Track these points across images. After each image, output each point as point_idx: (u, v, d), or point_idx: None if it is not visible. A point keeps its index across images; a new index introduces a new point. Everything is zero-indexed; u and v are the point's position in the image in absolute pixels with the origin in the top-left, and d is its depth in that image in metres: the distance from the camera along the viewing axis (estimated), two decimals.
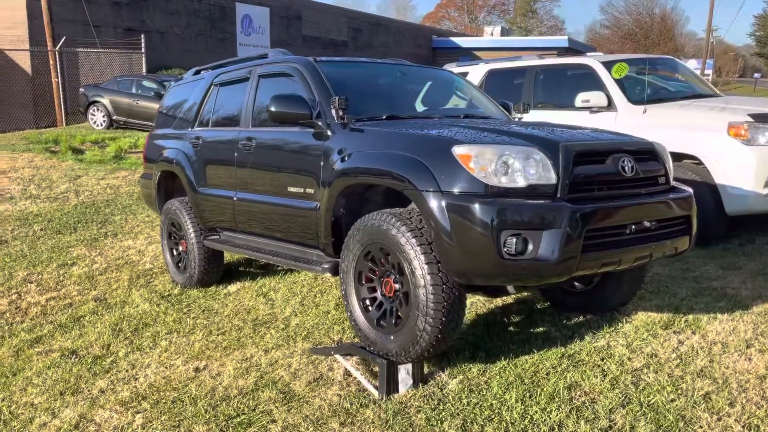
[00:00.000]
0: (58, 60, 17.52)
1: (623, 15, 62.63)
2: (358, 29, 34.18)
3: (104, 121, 16.13)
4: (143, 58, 19.30)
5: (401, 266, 3.39)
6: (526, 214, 3.10)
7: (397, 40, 36.84)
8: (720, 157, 5.61)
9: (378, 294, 3.68)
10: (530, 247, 3.09)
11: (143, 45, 19.15)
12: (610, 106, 6.47)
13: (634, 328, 4.07)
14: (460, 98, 5.08)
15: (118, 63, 19.94)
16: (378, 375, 3.57)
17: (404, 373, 3.55)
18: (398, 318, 3.52)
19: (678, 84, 7.24)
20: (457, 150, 3.23)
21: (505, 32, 45.54)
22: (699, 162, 5.78)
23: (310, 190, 4.09)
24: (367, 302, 3.71)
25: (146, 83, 16.24)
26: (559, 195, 3.20)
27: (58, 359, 4.43)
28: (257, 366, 4.02)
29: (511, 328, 4.27)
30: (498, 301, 4.71)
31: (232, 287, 5.61)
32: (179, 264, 5.86)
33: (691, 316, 4.20)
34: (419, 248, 3.28)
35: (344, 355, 3.89)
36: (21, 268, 6.33)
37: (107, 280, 6.02)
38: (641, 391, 3.31)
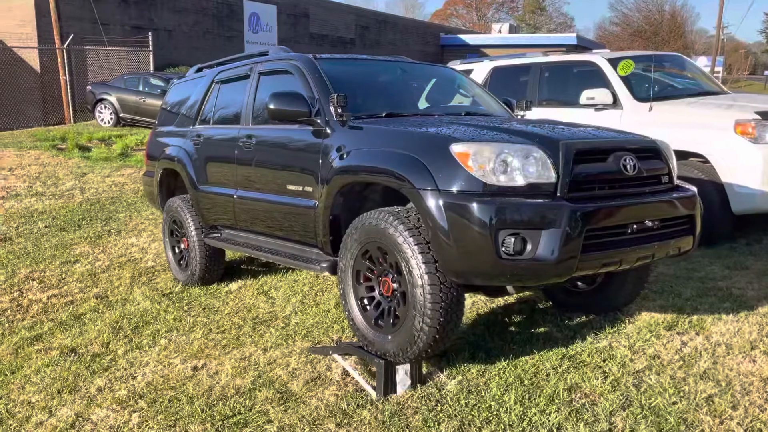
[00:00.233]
0: (66, 58, 17.59)
1: (633, 12, 62.13)
2: (366, 27, 34.11)
3: (111, 119, 16.18)
4: (151, 56, 19.32)
5: (399, 265, 3.35)
6: (525, 214, 3.05)
7: (405, 38, 36.72)
8: (726, 156, 5.53)
9: (376, 293, 3.64)
10: (529, 247, 3.04)
11: (151, 43, 19.17)
12: (616, 104, 6.40)
13: (637, 329, 4.01)
14: (462, 96, 5.03)
15: (126, 61, 19.99)
16: (376, 375, 3.54)
17: (402, 374, 3.51)
18: (396, 318, 3.48)
19: (685, 81, 7.15)
20: (455, 148, 3.18)
21: (514, 29, 45.29)
22: (705, 160, 5.70)
23: (309, 189, 4.06)
24: (365, 301, 3.68)
25: (153, 81, 16.27)
26: (559, 194, 3.15)
27: (57, 357, 4.42)
28: (255, 365, 3.99)
29: (512, 328, 4.22)
30: (500, 301, 4.66)
31: (234, 285, 5.59)
32: (181, 262, 5.85)
33: (696, 317, 4.14)
34: (417, 247, 3.24)
35: (342, 355, 3.86)
36: (24, 266, 6.34)
37: (109, 278, 6.02)
38: (642, 394, 3.26)
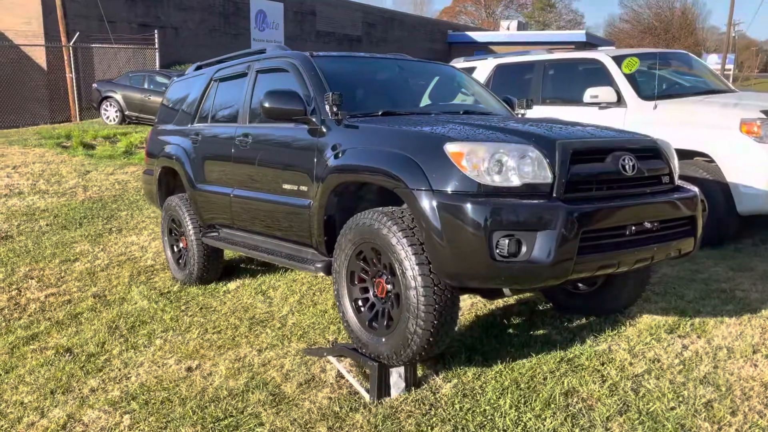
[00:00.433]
0: (72, 55, 17.62)
1: (643, 9, 61.58)
2: (373, 24, 34.01)
3: (117, 117, 16.20)
4: (157, 54, 19.33)
5: (393, 267, 3.30)
6: (520, 215, 2.98)
7: (412, 35, 36.58)
8: (732, 155, 5.44)
9: (370, 295, 3.59)
10: (524, 249, 2.98)
11: (157, 40, 19.17)
12: (620, 102, 6.31)
13: (638, 332, 3.94)
14: (462, 94, 4.97)
15: (132, 59, 20.00)
16: (369, 378, 3.49)
17: (396, 377, 3.46)
18: (390, 320, 3.43)
19: (691, 79, 7.04)
20: (449, 147, 3.12)
21: (522, 26, 44.96)
22: (710, 160, 5.61)
23: (304, 188, 4.01)
24: (360, 303, 3.63)
25: (158, 79, 16.26)
26: (555, 194, 3.08)
27: (53, 357, 4.39)
28: (249, 366, 3.95)
29: (511, 330, 4.16)
30: (499, 302, 4.60)
31: (232, 285, 5.56)
32: (179, 261, 5.82)
33: (698, 320, 4.07)
34: (410, 249, 3.18)
35: (337, 357, 3.81)
36: (23, 264, 6.33)
37: (108, 277, 5.99)
38: (641, 398, 3.20)
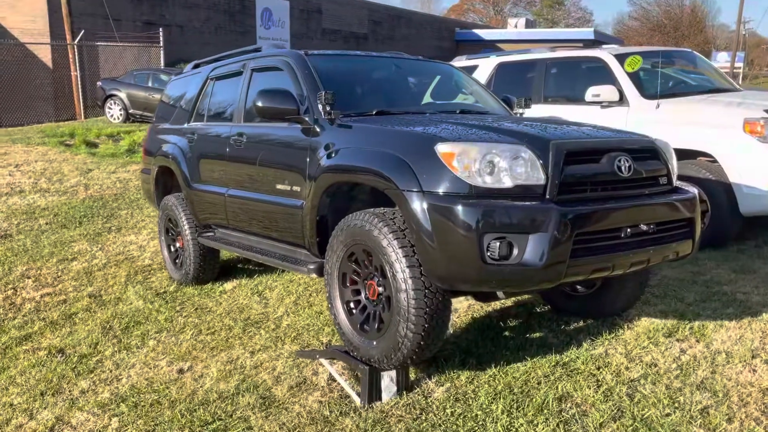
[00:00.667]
0: (77, 54, 17.63)
1: (652, 6, 61.16)
2: (379, 22, 33.91)
3: (121, 115, 16.21)
4: (162, 52, 19.32)
5: (384, 269, 3.24)
6: (511, 217, 2.92)
7: (419, 33, 36.45)
8: (735, 155, 5.34)
9: (362, 297, 3.54)
10: (515, 252, 2.92)
11: (161, 39, 19.16)
12: (622, 101, 6.22)
13: (635, 335, 3.88)
14: (460, 93, 4.90)
15: (138, 57, 20.00)
16: (360, 381, 3.44)
17: (388, 380, 3.41)
18: (381, 323, 3.37)
19: (695, 77, 6.94)
20: (440, 148, 3.06)
21: (530, 24, 44.74)
22: (713, 159, 5.52)
23: (297, 188, 3.96)
24: (351, 305, 3.58)
25: (163, 77, 16.24)
26: (548, 196, 3.02)
27: (45, 358, 4.36)
28: (241, 369, 3.91)
29: (506, 333, 4.10)
30: (496, 304, 4.54)
31: (228, 285, 5.51)
32: (176, 260, 5.78)
33: (697, 323, 3.99)
34: (401, 251, 3.13)
35: (329, 359, 3.76)
36: (21, 263, 6.31)
37: (105, 276, 5.97)
38: (636, 404, 3.13)
